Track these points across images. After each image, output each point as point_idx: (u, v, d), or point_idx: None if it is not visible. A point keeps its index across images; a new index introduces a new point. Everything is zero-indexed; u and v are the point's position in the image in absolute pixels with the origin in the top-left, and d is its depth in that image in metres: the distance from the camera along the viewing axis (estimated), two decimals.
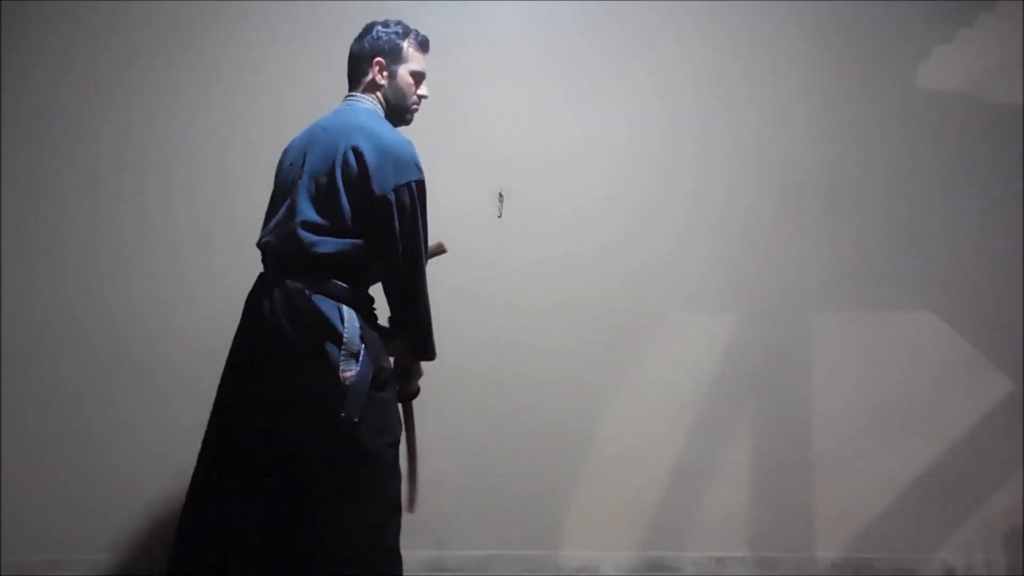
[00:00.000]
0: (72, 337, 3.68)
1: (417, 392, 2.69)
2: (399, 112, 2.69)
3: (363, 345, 2.37)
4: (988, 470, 3.72)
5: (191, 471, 2.57)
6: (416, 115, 2.79)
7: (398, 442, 2.51)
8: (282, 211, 2.51)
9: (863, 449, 3.72)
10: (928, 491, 3.71)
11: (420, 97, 2.72)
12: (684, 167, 3.79)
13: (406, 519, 2.64)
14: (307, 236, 2.41)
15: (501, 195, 3.55)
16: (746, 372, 3.76)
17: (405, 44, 2.69)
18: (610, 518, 3.72)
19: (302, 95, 3.69)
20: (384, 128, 2.55)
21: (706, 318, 3.79)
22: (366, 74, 2.65)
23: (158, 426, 3.64)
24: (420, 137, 3.70)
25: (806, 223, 3.79)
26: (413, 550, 3.16)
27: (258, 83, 3.77)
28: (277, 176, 2.68)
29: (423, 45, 2.75)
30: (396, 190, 2.43)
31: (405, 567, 2.59)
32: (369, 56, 2.65)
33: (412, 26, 2.77)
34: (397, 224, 2.44)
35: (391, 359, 2.58)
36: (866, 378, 3.75)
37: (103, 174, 3.74)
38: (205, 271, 3.70)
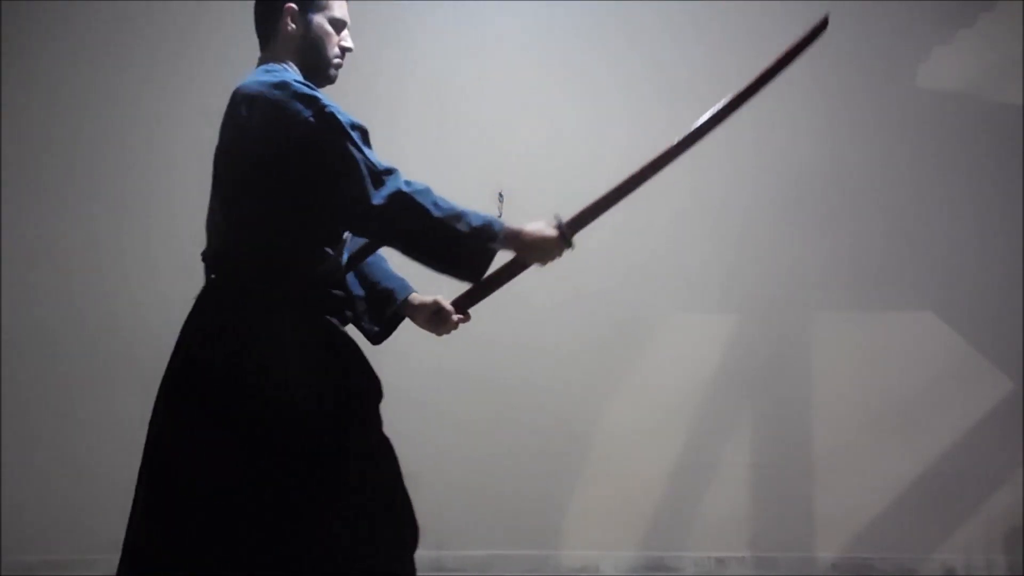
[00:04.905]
0: (72, 337, 3.68)
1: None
2: (320, 69, 2.14)
3: None
4: (988, 470, 3.71)
5: None
6: (416, 115, 2.72)
7: None
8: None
9: (863, 449, 3.72)
10: (928, 491, 3.70)
11: (344, 50, 2.18)
12: (683, 167, 3.77)
13: None
14: None
15: (501, 195, 3.54)
16: (746, 372, 3.76)
17: None
18: (610, 518, 3.71)
19: None
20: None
21: (706, 318, 3.79)
22: (275, 26, 2.12)
23: None
24: (420, 137, 3.71)
25: (806, 223, 3.79)
26: None
27: None
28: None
29: None
30: None
31: None
32: (280, 3, 2.11)
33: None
34: None
35: None
36: (866, 378, 3.74)
37: (104, 174, 3.75)
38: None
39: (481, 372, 3.71)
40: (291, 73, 2.05)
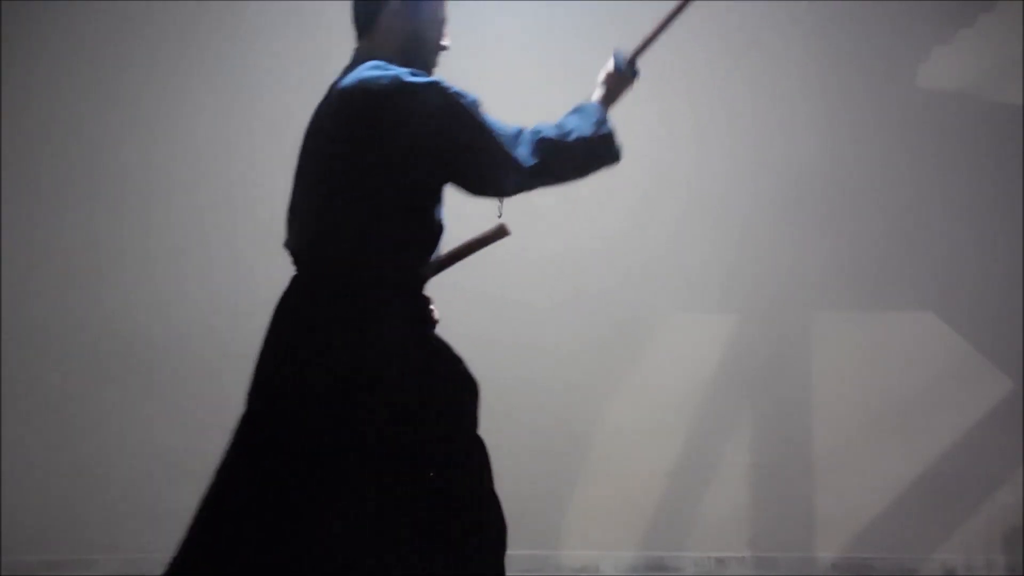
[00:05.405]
0: (72, 337, 3.68)
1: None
2: (419, 66, 2.09)
3: None
4: (988, 470, 3.71)
5: (192, 470, 2.55)
6: None
7: None
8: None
9: (863, 449, 3.72)
10: (928, 491, 3.70)
11: (442, 48, 2.20)
12: (684, 167, 3.79)
13: None
14: None
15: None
16: (746, 372, 3.76)
17: None
18: (610, 518, 3.71)
19: (306, 96, 3.68)
20: None
21: (706, 318, 3.79)
22: (376, 20, 2.09)
23: (158, 426, 3.64)
24: None
25: (806, 223, 3.79)
26: None
27: (261, 83, 3.76)
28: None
29: None
30: None
31: None
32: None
33: None
34: None
35: None
36: (866, 378, 3.74)
37: (103, 174, 3.75)
38: (206, 271, 3.70)
39: (481, 372, 3.68)
40: (396, 67, 1.99)
